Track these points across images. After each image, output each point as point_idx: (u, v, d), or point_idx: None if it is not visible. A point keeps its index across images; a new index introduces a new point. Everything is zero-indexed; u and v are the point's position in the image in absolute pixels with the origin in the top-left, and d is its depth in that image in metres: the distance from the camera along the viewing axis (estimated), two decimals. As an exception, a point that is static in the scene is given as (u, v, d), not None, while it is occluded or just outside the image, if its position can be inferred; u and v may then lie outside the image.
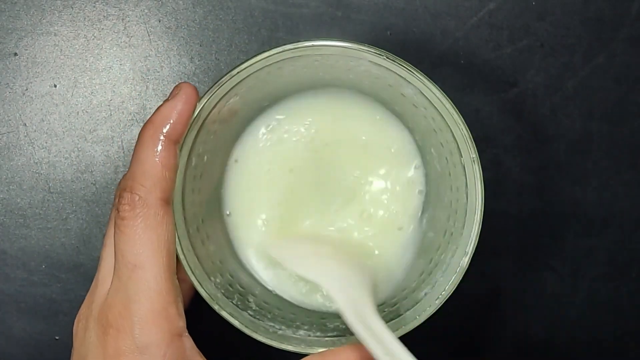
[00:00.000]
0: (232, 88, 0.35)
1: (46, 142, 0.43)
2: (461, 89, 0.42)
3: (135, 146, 0.32)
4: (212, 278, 0.36)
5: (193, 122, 0.34)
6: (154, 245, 0.32)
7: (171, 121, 0.32)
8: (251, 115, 0.39)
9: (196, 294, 0.35)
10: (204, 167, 0.37)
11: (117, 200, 0.32)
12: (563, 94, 0.43)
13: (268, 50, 0.34)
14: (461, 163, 0.35)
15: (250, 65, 0.34)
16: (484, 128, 0.42)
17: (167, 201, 0.32)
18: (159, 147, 0.32)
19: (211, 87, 0.34)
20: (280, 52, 0.34)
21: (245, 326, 0.35)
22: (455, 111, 0.34)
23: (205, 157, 0.37)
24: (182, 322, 0.32)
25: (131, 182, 0.32)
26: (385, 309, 0.37)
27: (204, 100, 0.34)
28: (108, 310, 0.32)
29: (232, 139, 0.40)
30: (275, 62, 0.34)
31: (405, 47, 0.42)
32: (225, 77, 0.34)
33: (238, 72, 0.34)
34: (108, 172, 0.43)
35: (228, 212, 0.40)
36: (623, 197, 0.43)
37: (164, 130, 0.32)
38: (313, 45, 0.34)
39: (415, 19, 0.42)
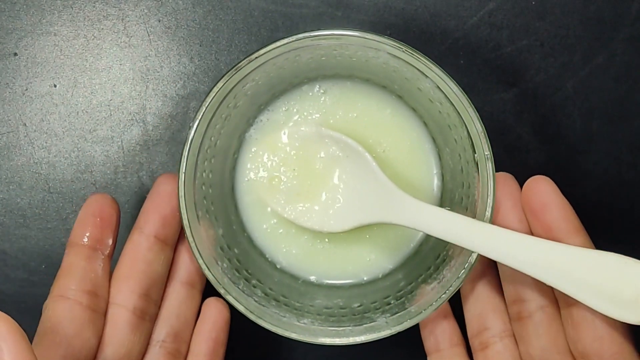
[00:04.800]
0: (249, 73, 0.35)
1: (46, 142, 0.43)
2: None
3: None
4: (219, 262, 0.36)
5: (209, 105, 0.34)
6: None
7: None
8: (266, 100, 0.40)
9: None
10: (216, 150, 0.37)
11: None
12: (563, 94, 0.43)
13: (287, 37, 0.34)
14: (474, 160, 0.35)
15: (268, 51, 0.34)
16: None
17: None
18: None
19: (228, 71, 0.34)
20: (300, 40, 0.34)
21: (251, 312, 0.35)
22: (472, 107, 0.34)
23: (218, 141, 0.37)
24: None
25: None
26: (391, 301, 0.37)
27: (220, 84, 0.34)
28: None
29: (245, 123, 0.40)
30: (293, 50, 0.35)
31: (405, 47, 0.42)
32: (243, 62, 0.34)
33: (256, 57, 0.34)
34: (108, 172, 0.43)
35: (240, 194, 0.40)
36: (623, 197, 0.43)
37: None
38: (333, 35, 0.34)
39: (415, 19, 0.42)
